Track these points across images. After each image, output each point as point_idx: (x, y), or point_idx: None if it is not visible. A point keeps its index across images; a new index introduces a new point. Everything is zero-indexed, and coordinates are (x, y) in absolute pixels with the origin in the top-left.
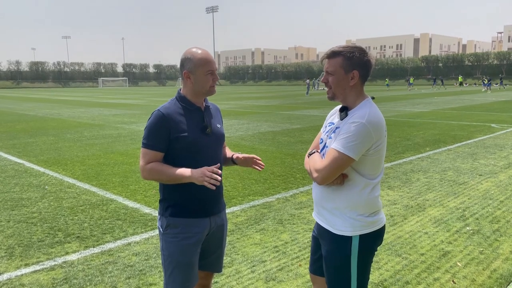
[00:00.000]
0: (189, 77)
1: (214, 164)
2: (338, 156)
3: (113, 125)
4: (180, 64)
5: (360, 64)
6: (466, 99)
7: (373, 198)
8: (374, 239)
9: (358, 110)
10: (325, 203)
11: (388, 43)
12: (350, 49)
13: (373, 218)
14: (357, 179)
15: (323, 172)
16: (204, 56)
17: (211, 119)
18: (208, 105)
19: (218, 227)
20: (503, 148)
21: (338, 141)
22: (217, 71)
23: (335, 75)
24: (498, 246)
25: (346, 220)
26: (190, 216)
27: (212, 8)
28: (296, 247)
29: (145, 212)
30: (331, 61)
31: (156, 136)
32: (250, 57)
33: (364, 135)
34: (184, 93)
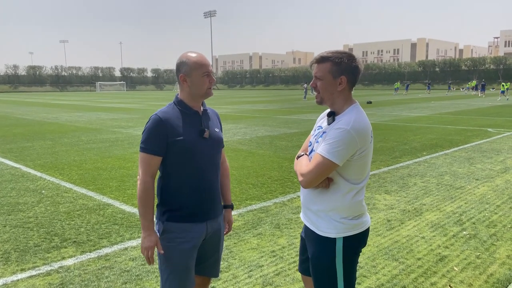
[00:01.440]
0: (185, 80)
1: (212, 167)
2: (322, 161)
3: (111, 129)
4: (176, 68)
5: (348, 70)
6: (463, 104)
7: (357, 202)
8: (358, 241)
9: (344, 116)
10: (311, 205)
11: (385, 48)
12: (338, 55)
13: (357, 221)
14: (342, 184)
15: (308, 176)
16: (199, 58)
17: (208, 122)
18: (206, 109)
19: (214, 232)
20: (499, 152)
21: (323, 146)
22: (215, 74)
23: (323, 80)
24: (494, 250)
25: (331, 222)
26: (187, 221)
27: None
28: (293, 251)
29: None
30: (320, 66)
31: (154, 140)
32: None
33: (349, 141)
34: (182, 97)
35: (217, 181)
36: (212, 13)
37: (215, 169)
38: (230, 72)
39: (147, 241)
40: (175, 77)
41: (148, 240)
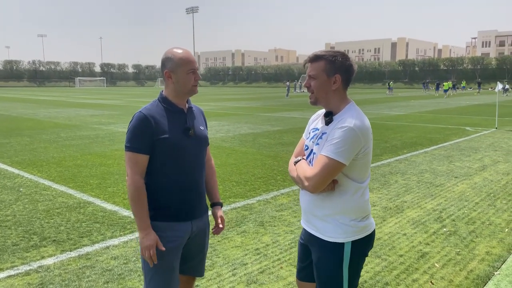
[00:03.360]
0: (170, 77)
1: (198, 165)
2: (329, 162)
3: (91, 125)
4: (161, 64)
5: (342, 68)
6: (442, 103)
7: (364, 202)
8: (366, 244)
9: (344, 114)
10: (316, 211)
11: (366, 47)
12: (332, 53)
13: (364, 223)
14: (348, 184)
15: (315, 180)
16: (185, 55)
17: (193, 120)
18: (191, 106)
19: (200, 231)
20: (477, 151)
21: (327, 147)
22: (198, 71)
23: (317, 79)
24: (474, 247)
25: (338, 226)
26: (172, 219)
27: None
28: (277, 249)
29: (123, 215)
30: (314, 65)
31: (140, 138)
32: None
33: (353, 139)
34: (166, 94)
35: (203, 180)
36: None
37: (200, 168)
38: (213, 69)
39: (147, 240)
40: (157, 74)
41: (147, 239)
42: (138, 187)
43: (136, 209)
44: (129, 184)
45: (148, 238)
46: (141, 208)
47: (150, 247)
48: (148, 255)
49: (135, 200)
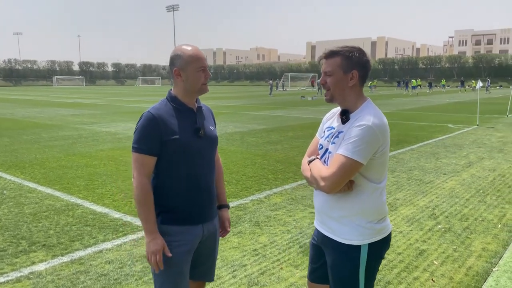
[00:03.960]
0: (180, 75)
1: (208, 167)
2: (346, 161)
3: (73, 125)
4: (170, 62)
5: (359, 64)
6: (422, 101)
7: (382, 203)
8: (383, 247)
9: (362, 112)
10: (331, 212)
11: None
12: (349, 49)
13: (381, 225)
14: (365, 185)
15: (331, 179)
16: (194, 52)
17: (203, 120)
18: (200, 106)
19: (211, 234)
20: (461, 147)
21: (344, 146)
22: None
23: (333, 75)
24: (470, 243)
25: (355, 228)
26: (183, 223)
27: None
28: (275, 249)
29: (115, 217)
30: (329, 61)
31: (148, 139)
32: (211, 57)
33: (371, 138)
34: (175, 93)
35: (213, 181)
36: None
37: (210, 169)
38: None
39: (153, 245)
40: (137, 72)
41: (154, 243)
42: (145, 190)
43: (143, 212)
44: (135, 186)
45: (154, 242)
46: (148, 211)
47: (156, 252)
48: (154, 260)
49: (142, 203)
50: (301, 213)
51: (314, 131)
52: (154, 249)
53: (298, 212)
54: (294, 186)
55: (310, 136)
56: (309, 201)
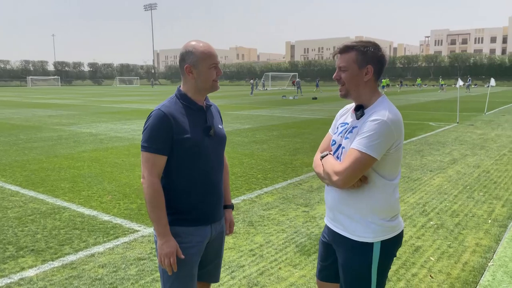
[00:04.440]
0: (191, 72)
1: (217, 166)
2: (360, 156)
3: (51, 126)
4: (180, 58)
5: (374, 59)
6: (402, 99)
7: (395, 200)
8: (395, 245)
9: (377, 107)
10: (344, 208)
11: (325, 45)
12: (364, 44)
13: (394, 223)
14: (378, 181)
15: (344, 174)
16: (207, 48)
17: (213, 119)
18: (210, 104)
19: (218, 235)
20: (445, 145)
21: (358, 141)
22: (157, 70)
23: (348, 70)
24: (463, 239)
25: (368, 225)
26: (192, 224)
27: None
28: (272, 249)
29: (104, 220)
30: (344, 56)
31: (159, 138)
32: None
33: (386, 133)
34: (185, 90)
35: (222, 181)
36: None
37: (219, 168)
38: (173, 67)
39: (167, 247)
40: (114, 72)
41: (167, 246)
42: (156, 190)
43: (155, 214)
44: (146, 186)
45: (168, 245)
46: (160, 213)
47: (170, 255)
48: (168, 263)
49: (154, 204)
50: (294, 212)
51: (298, 130)
52: (168, 251)
53: (291, 211)
54: (284, 185)
55: (295, 135)
56: (300, 200)
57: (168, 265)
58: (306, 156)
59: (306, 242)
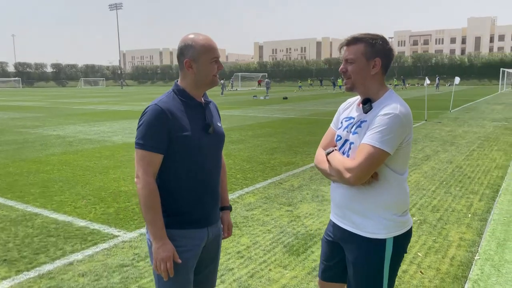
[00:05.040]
0: (191, 66)
1: (215, 166)
2: (374, 151)
3: (15, 129)
4: (179, 52)
5: (382, 52)
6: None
7: (406, 194)
8: (406, 240)
9: (386, 101)
10: (355, 205)
11: (293, 46)
12: (372, 36)
13: (405, 218)
14: (390, 176)
15: (358, 170)
16: (207, 42)
17: (212, 117)
18: (209, 100)
19: (214, 238)
20: (416, 141)
21: (371, 136)
22: (124, 70)
23: (355, 63)
24: (447, 234)
25: (380, 221)
26: (188, 227)
27: (115, 5)
28: (259, 250)
29: (80, 226)
30: (351, 48)
31: (155, 135)
32: (158, 56)
33: (399, 127)
34: (184, 85)
35: (219, 182)
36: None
37: (217, 168)
38: (140, 68)
39: (163, 251)
40: (79, 73)
41: (163, 249)
42: (152, 191)
43: (151, 216)
44: (141, 187)
45: (164, 248)
46: (156, 215)
47: (167, 259)
48: (164, 267)
49: (149, 206)
50: (278, 212)
51: (272, 130)
52: (164, 255)
53: (274, 211)
54: (265, 185)
55: (270, 134)
56: (283, 199)
57: (165, 270)
58: (283, 155)
59: (293, 242)
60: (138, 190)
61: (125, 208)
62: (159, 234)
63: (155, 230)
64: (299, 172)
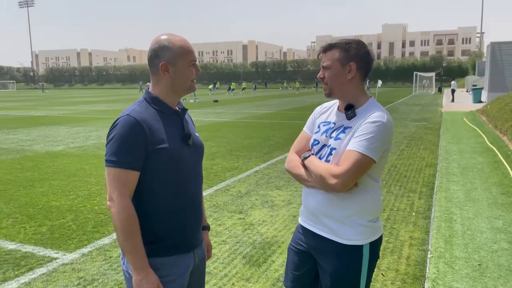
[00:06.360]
0: (168, 70)
1: (197, 180)
2: (362, 158)
3: None
4: (153, 54)
5: (357, 56)
6: (298, 101)
7: (380, 201)
8: (379, 246)
9: (372, 108)
10: (332, 212)
11: (219, 49)
12: (346, 41)
13: (378, 223)
14: (369, 182)
15: (345, 177)
16: (185, 43)
17: (188, 126)
18: (184, 108)
19: (201, 261)
20: None
21: (358, 142)
22: (37, 72)
23: (331, 68)
24: (397, 233)
25: (357, 228)
26: (172, 253)
27: (26, 2)
28: (218, 264)
29: (9, 249)
30: (327, 55)
31: (132, 150)
32: (75, 58)
33: (385, 135)
34: (157, 92)
35: (202, 198)
36: (29, 2)
37: (199, 184)
38: (56, 70)
39: (146, 283)
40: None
41: (146, 281)
42: (131, 216)
43: (130, 244)
44: (117, 211)
45: (148, 279)
46: (137, 242)
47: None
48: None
49: (128, 233)
50: (230, 221)
51: (208, 134)
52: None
53: (226, 219)
54: (211, 192)
55: (208, 138)
56: (233, 206)
57: None
58: (225, 160)
59: (252, 252)
60: (113, 214)
61: (60, 225)
62: (140, 263)
63: (135, 259)
64: (244, 177)
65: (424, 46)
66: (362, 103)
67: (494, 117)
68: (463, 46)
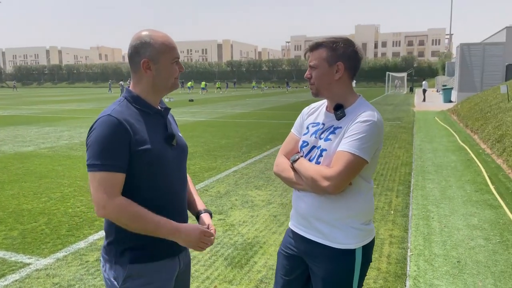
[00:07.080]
0: (150, 68)
1: (182, 183)
2: (354, 159)
3: None
4: (133, 51)
5: (345, 55)
6: (273, 100)
7: (372, 203)
8: (371, 249)
9: (362, 108)
10: (323, 215)
11: (194, 48)
12: (333, 40)
13: (370, 226)
14: (362, 184)
15: (338, 179)
16: (167, 39)
17: (171, 126)
18: (167, 107)
19: (186, 266)
20: None
21: (350, 143)
22: (3, 71)
23: (318, 68)
24: (377, 232)
25: (349, 231)
26: (157, 258)
27: None
28: (199, 266)
29: None
30: (314, 54)
31: (115, 151)
32: (44, 56)
33: (376, 135)
34: (138, 91)
35: (186, 201)
36: None
37: (184, 185)
38: (24, 68)
39: (192, 237)
40: None
41: (192, 236)
42: (129, 205)
43: (150, 224)
44: (116, 212)
45: (188, 233)
46: (153, 218)
47: (200, 237)
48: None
49: (141, 219)
50: None
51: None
52: (197, 238)
53: None
54: None
55: (185, 138)
56: (212, 207)
57: (210, 243)
58: (202, 160)
59: (233, 253)
60: (113, 220)
61: (32, 229)
62: (172, 229)
63: (165, 231)
64: (223, 177)
65: (396, 47)
66: (351, 103)
67: (464, 117)
68: (433, 47)
